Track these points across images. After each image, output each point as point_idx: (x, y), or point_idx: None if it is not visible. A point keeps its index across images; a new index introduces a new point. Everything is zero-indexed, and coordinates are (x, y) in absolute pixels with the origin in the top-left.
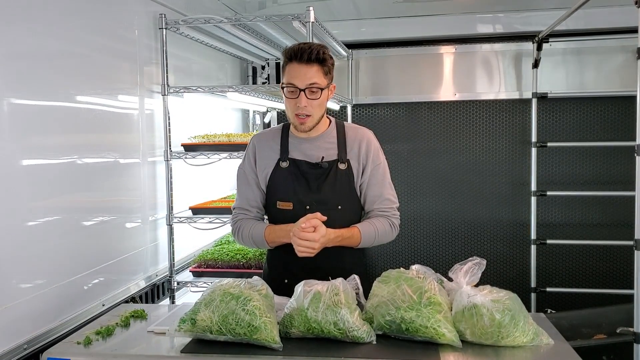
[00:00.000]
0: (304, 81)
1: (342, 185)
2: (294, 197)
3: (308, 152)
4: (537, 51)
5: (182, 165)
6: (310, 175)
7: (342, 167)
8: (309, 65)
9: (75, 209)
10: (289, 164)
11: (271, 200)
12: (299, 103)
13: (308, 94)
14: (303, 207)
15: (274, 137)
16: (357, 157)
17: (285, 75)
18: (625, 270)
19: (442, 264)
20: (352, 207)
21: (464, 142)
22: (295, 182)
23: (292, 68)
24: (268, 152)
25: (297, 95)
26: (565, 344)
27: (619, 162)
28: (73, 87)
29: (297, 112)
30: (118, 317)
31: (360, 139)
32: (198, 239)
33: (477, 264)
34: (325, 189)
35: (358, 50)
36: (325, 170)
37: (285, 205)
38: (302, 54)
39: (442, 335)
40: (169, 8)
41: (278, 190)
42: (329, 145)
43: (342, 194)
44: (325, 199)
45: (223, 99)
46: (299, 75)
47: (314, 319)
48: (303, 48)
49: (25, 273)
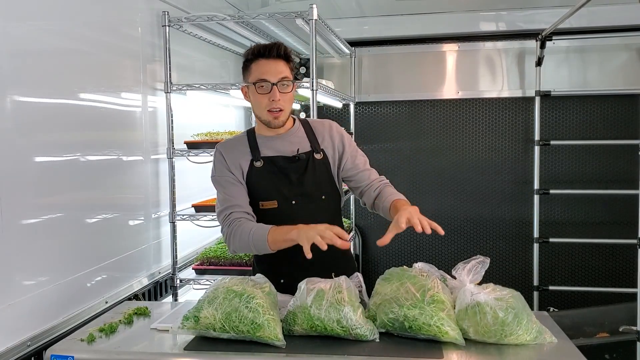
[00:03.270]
0: (275, 75)
1: (322, 175)
2: (278, 194)
3: (281, 149)
4: (541, 49)
5: (185, 163)
6: (289, 170)
7: (318, 157)
8: (277, 61)
9: (79, 206)
10: (263, 162)
11: (253, 203)
12: (273, 97)
13: (280, 87)
14: (288, 203)
15: (240, 142)
16: (332, 145)
17: (252, 73)
18: (628, 269)
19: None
20: (334, 196)
21: (467, 140)
22: (276, 179)
23: (261, 64)
24: (238, 155)
25: (270, 90)
26: (568, 342)
27: (622, 160)
28: (76, 84)
29: (270, 107)
30: (121, 314)
31: (329, 128)
32: (201, 236)
33: (480, 262)
34: (307, 181)
35: (361, 48)
36: (303, 163)
37: (270, 205)
38: (271, 50)
39: (445, 333)
40: (172, 5)
41: (258, 190)
42: (300, 139)
43: (324, 184)
44: (309, 192)
45: (226, 96)
46: (270, 70)
47: (317, 317)
48: (270, 45)
49: (29, 270)
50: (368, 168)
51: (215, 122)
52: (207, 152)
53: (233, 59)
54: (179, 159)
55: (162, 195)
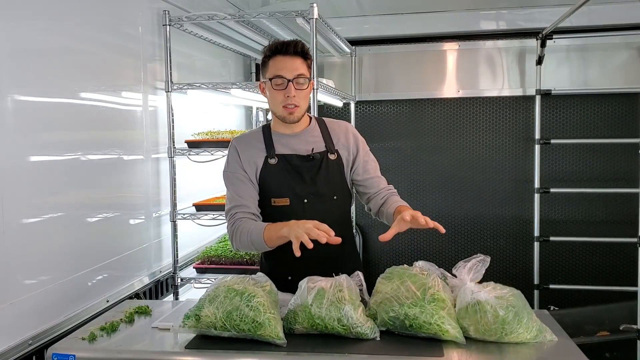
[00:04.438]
0: (292, 72)
1: (335, 176)
2: (290, 192)
3: (296, 147)
4: (541, 48)
5: (185, 162)
6: (303, 169)
7: (332, 157)
8: (294, 58)
9: (80, 205)
10: (277, 160)
11: (265, 199)
12: (288, 93)
13: (296, 84)
14: (300, 201)
15: (255, 137)
16: (347, 148)
17: (269, 70)
18: (628, 268)
19: (445, 261)
20: (345, 197)
21: (468, 139)
22: (289, 176)
23: (278, 61)
24: (253, 151)
25: (286, 86)
26: (568, 341)
27: (623, 159)
28: (77, 83)
29: (285, 103)
30: (122, 313)
31: (345, 130)
32: (202, 235)
33: (481, 260)
34: (319, 180)
35: (361, 47)
36: (317, 162)
37: (282, 202)
38: (288, 47)
39: (445, 332)
40: (172, 5)
41: (271, 187)
42: (315, 138)
43: (336, 185)
44: (321, 191)
45: (226, 95)
46: (286, 66)
47: (318, 315)
48: (288, 42)
49: (30, 269)
50: (378, 175)
51: (215, 121)
52: (208, 151)
53: (233, 58)
54: (179, 158)
55: (163, 194)
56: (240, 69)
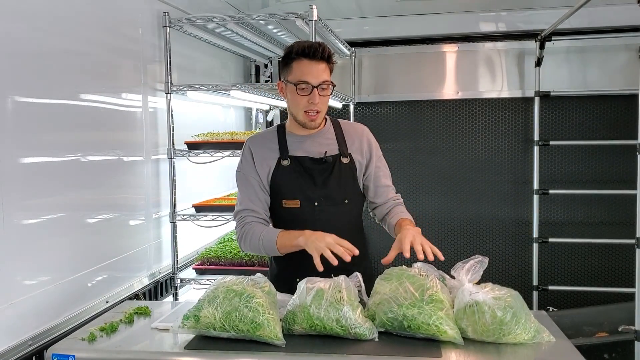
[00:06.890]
0: (317, 78)
1: (347, 179)
2: (301, 194)
3: (309, 149)
4: (540, 50)
5: (185, 163)
6: (315, 171)
7: (345, 161)
8: (320, 63)
9: (79, 206)
10: (290, 161)
11: (276, 200)
12: (312, 100)
13: (320, 91)
14: (311, 204)
15: (270, 138)
16: (360, 151)
17: (292, 72)
18: (627, 269)
19: (444, 262)
20: (357, 201)
21: (467, 140)
22: (300, 179)
23: (304, 65)
24: (266, 152)
25: (310, 92)
26: (566, 342)
27: (621, 160)
28: (77, 85)
29: (308, 108)
30: (122, 313)
31: (360, 133)
32: (201, 236)
33: (479, 261)
34: (331, 184)
35: (360, 49)
36: (329, 165)
37: (292, 204)
38: (315, 52)
39: (444, 333)
40: (172, 6)
41: (282, 189)
42: (329, 141)
43: (348, 188)
44: (332, 194)
45: (226, 97)
46: (312, 72)
47: (317, 316)
48: (314, 46)
49: (30, 270)
50: (388, 184)
51: (215, 122)
52: (208, 153)
53: (233, 59)
54: (179, 159)
55: (163, 195)
56: (240, 70)
